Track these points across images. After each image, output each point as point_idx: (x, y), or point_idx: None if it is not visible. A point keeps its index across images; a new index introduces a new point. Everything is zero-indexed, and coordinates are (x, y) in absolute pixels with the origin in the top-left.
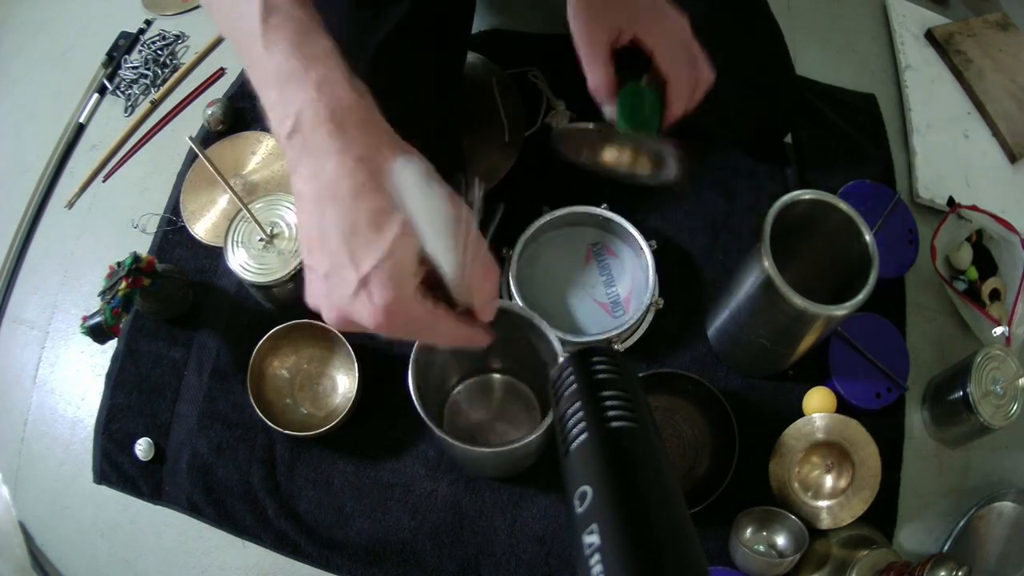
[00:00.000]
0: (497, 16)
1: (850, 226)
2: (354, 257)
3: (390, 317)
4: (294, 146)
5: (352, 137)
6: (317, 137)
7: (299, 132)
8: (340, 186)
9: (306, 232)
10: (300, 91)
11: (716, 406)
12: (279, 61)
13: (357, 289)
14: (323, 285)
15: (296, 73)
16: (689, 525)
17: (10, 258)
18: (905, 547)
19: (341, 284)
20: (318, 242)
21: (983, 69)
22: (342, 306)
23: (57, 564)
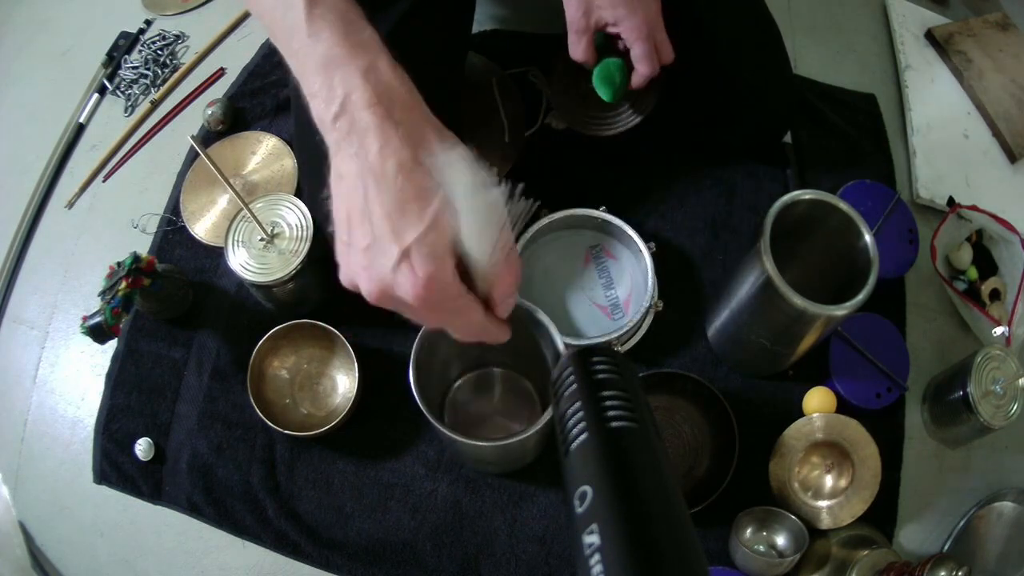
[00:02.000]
0: (497, 16)
1: (850, 226)
2: (396, 230)
3: (429, 290)
4: (340, 128)
5: (398, 119)
6: (364, 118)
7: (345, 114)
8: (386, 163)
9: (346, 210)
10: (348, 76)
11: (716, 406)
12: (325, 49)
13: (399, 261)
14: (363, 258)
15: (343, 59)
16: (689, 525)
17: (10, 258)
18: (905, 547)
19: (383, 256)
20: (359, 217)
21: (983, 69)
22: (384, 278)
23: (57, 564)
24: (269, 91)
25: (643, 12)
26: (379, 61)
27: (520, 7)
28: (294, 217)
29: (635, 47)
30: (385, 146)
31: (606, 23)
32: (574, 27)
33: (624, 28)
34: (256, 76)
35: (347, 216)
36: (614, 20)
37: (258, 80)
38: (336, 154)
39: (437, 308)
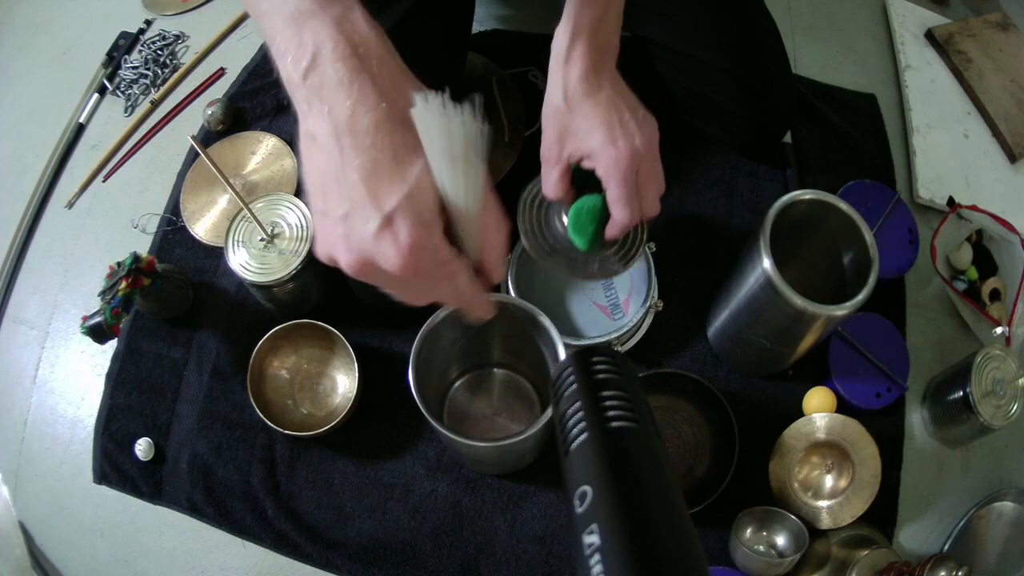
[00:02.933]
0: (497, 16)
1: (850, 226)
2: (376, 194)
3: (416, 256)
4: (310, 85)
5: (373, 72)
6: (337, 71)
7: (316, 69)
8: (361, 121)
9: (319, 175)
10: (319, 28)
11: (716, 406)
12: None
13: (381, 228)
14: (341, 227)
15: (315, 11)
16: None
17: (10, 258)
18: (905, 547)
19: (363, 224)
20: (334, 182)
21: (983, 69)
22: (364, 247)
23: (57, 564)
24: (269, 91)
25: (625, 145)
26: (352, 11)
27: (520, 7)
28: (294, 217)
29: (610, 187)
30: (360, 102)
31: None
32: (546, 155)
33: (600, 163)
34: (256, 76)
35: (321, 182)
36: (589, 151)
37: (258, 80)
38: (306, 114)
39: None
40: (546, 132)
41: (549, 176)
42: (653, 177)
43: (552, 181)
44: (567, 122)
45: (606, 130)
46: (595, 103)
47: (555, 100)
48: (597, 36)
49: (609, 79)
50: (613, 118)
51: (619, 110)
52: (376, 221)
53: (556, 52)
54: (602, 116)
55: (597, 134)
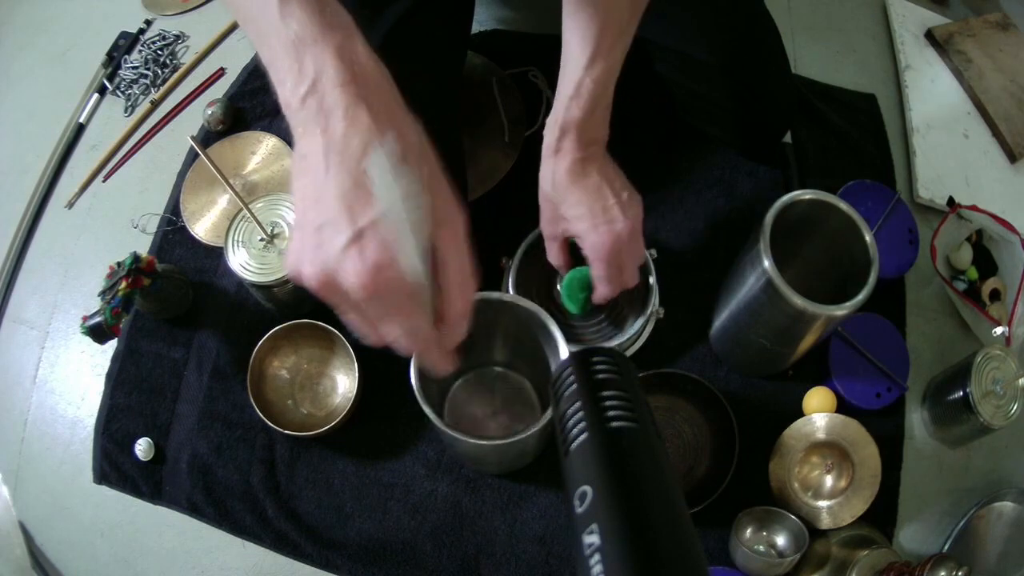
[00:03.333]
0: (497, 16)
1: (850, 226)
2: (352, 210)
3: (377, 278)
4: (308, 107)
5: (369, 100)
6: (334, 96)
7: (315, 93)
8: (352, 141)
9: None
10: (320, 55)
11: (716, 406)
12: (296, 29)
13: (350, 243)
14: (312, 239)
15: (315, 39)
16: (689, 525)
17: (10, 258)
18: (905, 547)
19: (332, 237)
20: (315, 197)
21: (983, 69)
22: (328, 261)
23: (57, 564)
24: (269, 91)
25: (607, 231)
26: (352, 41)
27: (520, 7)
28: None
29: (594, 267)
30: (352, 125)
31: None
32: (544, 231)
33: (585, 245)
34: (256, 76)
35: (303, 197)
36: (576, 234)
37: (258, 80)
38: (302, 135)
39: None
40: (542, 213)
41: (550, 248)
42: (633, 254)
43: (553, 253)
44: (556, 208)
45: (590, 218)
46: (582, 191)
47: (545, 187)
48: (585, 131)
49: (597, 166)
50: (597, 207)
51: (603, 197)
52: (346, 235)
53: (546, 144)
54: (587, 204)
55: (583, 221)
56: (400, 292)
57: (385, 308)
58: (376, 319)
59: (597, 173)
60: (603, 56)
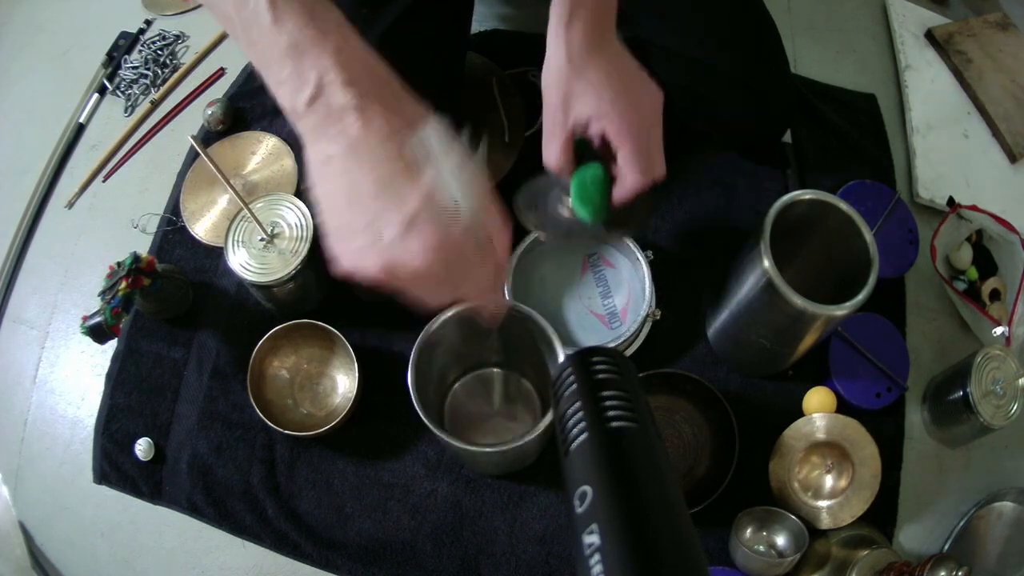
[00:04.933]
0: (497, 16)
1: (850, 226)
2: (396, 200)
3: (442, 252)
4: (317, 111)
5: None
6: (342, 98)
7: (321, 97)
8: (372, 138)
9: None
10: (320, 58)
11: (716, 406)
12: (292, 34)
13: (407, 228)
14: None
15: (313, 43)
16: (689, 525)
17: (10, 258)
18: (905, 547)
19: (387, 228)
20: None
21: (983, 69)
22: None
23: (57, 564)
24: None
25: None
26: (349, 41)
27: (520, 7)
28: (294, 217)
29: (623, 147)
30: (368, 123)
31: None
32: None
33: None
34: (256, 76)
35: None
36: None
37: (258, 80)
38: (316, 139)
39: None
40: (549, 99)
41: (551, 145)
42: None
43: (555, 150)
44: (572, 84)
45: (617, 88)
46: (602, 62)
47: (558, 63)
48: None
49: (611, 39)
50: (618, 80)
51: (625, 69)
52: (399, 224)
53: (556, 16)
54: (610, 74)
55: (606, 92)
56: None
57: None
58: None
59: (612, 47)
60: None
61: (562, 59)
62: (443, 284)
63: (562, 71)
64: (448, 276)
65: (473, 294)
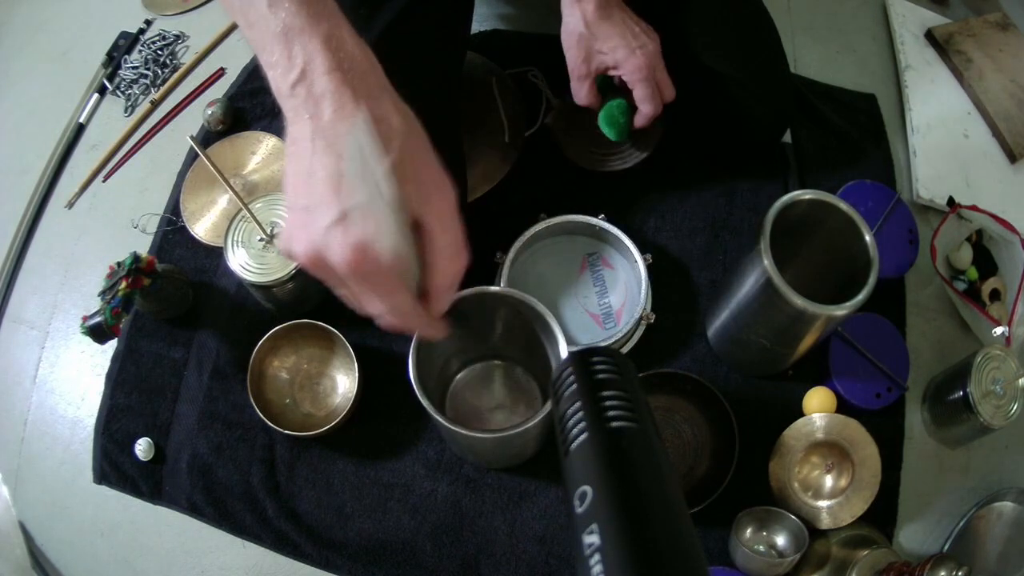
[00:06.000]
0: (497, 16)
1: (850, 226)
2: (339, 191)
3: (361, 257)
4: (297, 95)
5: (356, 85)
6: (323, 83)
7: (304, 81)
8: (339, 126)
9: (293, 174)
10: (308, 43)
11: (716, 406)
12: (285, 18)
13: (335, 222)
14: (300, 219)
15: (304, 28)
16: (689, 525)
17: (10, 258)
18: (905, 547)
19: (320, 217)
20: (304, 179)
21: (983, 69)
22: (316, 239)
23: (57, 564)
24: (269, 91)
25: (642, 53)
26: (340, 29)
27: (520, 7)
28: None
29: (637, 88)
30: (339, 110)
31: (607, 67)
32: (575, 73)
33: (625, 70)
34: (256, 76)
35: (293, 179)
36: (615, 63)
37: (258, 80)
38: (292, 121)
39: (367, 281)
40: (571, 55)
41: (581, 88)
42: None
43: (584, 92)
44: (591, 44)
45: (626, 44)
46: (611, 24)
47: (577, 28)
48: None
49: (616, 3)
50: (628, 34)
51: (631, 27)
52: (331, 216)
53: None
54: (619, 33)
55: (620, 49)
56: (381, 271)
57: (369, 285)
58: (361, 295)
59: (619, 10)
60: None
61: (580, 25)
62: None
63: (582, 35)
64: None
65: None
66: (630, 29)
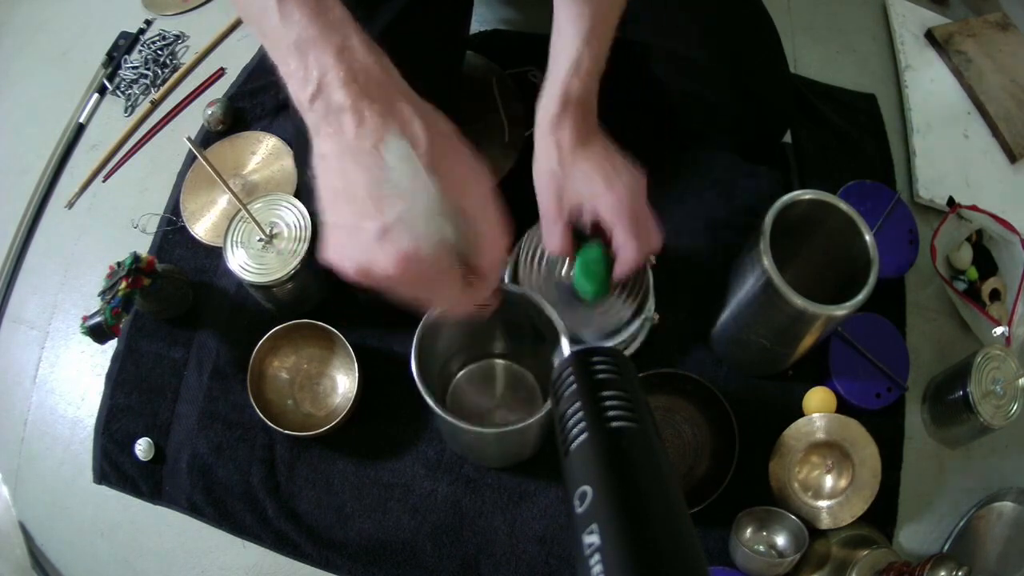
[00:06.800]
0: (497, 16)
1: (850, 226)
2: (379, 206)
3: (407, 266)
4: (316, 110)
5: (373, 96)
6: (339, 98)
7: (321, 95)
8: (364, 142)
9: (330, 190)
10: (321, 57)
11: (716, 406)
12: (297, 31)
13: (379, 236)
14: (346, 236)
15: (316, 40)
16: (689, 525)
17: (10, 258)
18: (905, 547)
19: (364, 233)
20: (343, 196)
21: (983, 69)
22: (363, 253)
23: (57, 564)
24: (269, 91)
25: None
26: (352, 40)
27: (520, 7)
28: (293, 217)
29: (617, 227)
30: (361, 125)
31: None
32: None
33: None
34: (256, 76)
35: (332, 197)
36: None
37: (258, 80)
38: (316, 135)
39: (416, 283)
40: (542, 194)
41: (553, 233)
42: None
43: (556, 237)
44: (563, 182)
45: (603, 177)
46: (588, 156)
47: (548, 164)
48: (583, 104)
49: (596, 133)
50: (607, 166)
51: (611, 159)
52: (375, 230)
53: (544, 118)
54: (598, 166)
55: (597, 183)
56: (428, 275)
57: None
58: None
59: (599, 140)
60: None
61: (553, 162)
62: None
63: (554, 173)
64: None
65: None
66: (610, 161)
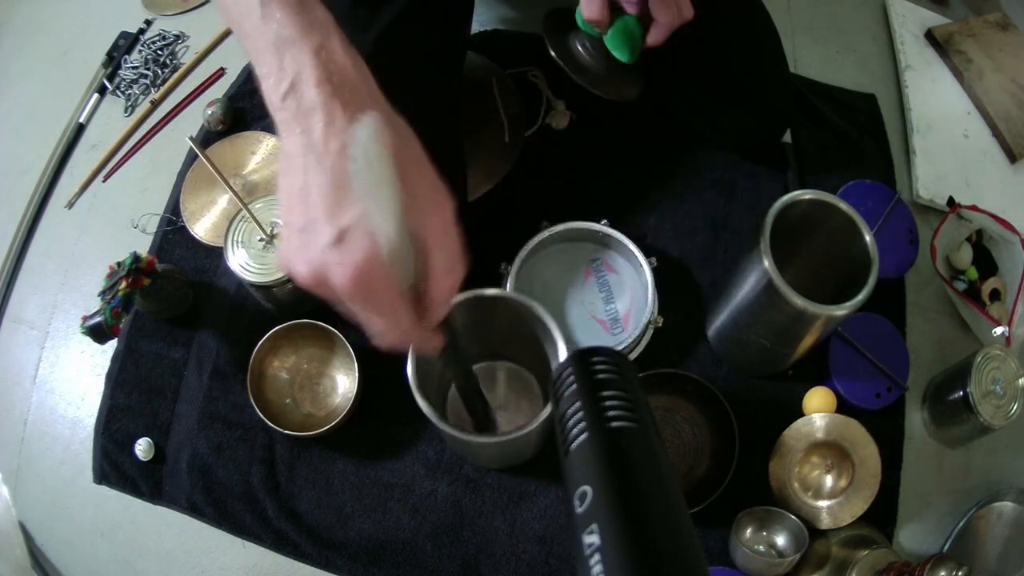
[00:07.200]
0: (497, 16)
1: (850, 226)
2: (334, 210)
3: (361, 277)
4: (288, 108)
5: (346, 98)
6: (312, 96)
7: (294, 93)
8: (330, 143)
9: (287, 189)
10: (299, 55)
11: (716, 406)
12: (276, 29)
13: (334, 242)
14: (298, 239)
15: (294, 39)
16: (689, 525)
17: (10, 258)
18: (905, 547)
19: (317, 237)
20: (298, 197)
21: (983, 69)
22: (314, 260)
23: (57, 564)
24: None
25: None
26: (331, 40)
27: (521, 7)
28: None
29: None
30: (330, 124)
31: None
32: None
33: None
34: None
35: (288, 196)
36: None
37: None
38: (284, 134)
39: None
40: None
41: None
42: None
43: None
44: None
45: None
46: None
47: None
48: None
49: None
50: None
51: None
52: (330, 235)
53: None
54: None
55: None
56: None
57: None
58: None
59: None
60: None
61: None
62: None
63: None
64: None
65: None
66: None
